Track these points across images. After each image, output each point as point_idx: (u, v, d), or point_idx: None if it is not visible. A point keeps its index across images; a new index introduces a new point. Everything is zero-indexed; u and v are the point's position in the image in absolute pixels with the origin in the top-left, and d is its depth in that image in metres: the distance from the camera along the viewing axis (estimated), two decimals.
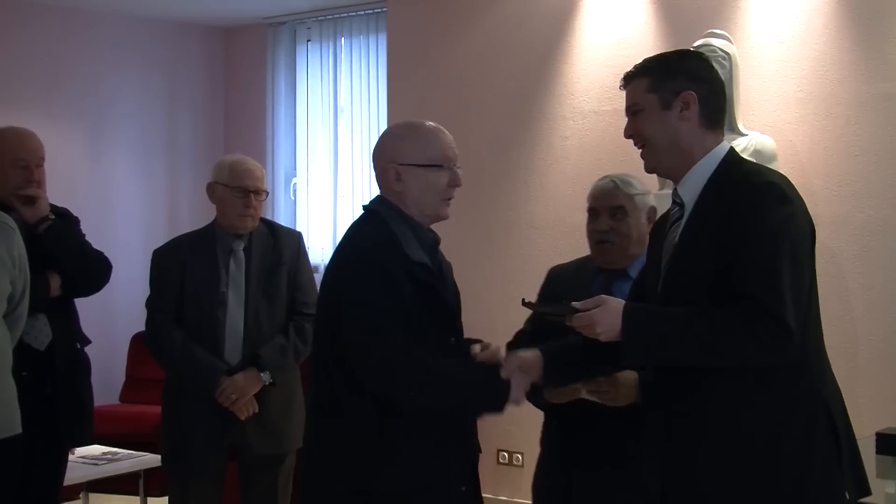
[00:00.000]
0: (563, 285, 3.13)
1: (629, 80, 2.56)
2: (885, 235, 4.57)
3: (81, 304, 4.05)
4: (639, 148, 2.56)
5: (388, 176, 2.67)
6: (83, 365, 3.90)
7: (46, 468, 3.78)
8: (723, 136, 2.54)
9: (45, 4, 6.73)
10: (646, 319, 2.37)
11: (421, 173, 2.67)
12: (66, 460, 3.95)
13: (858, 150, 4.65)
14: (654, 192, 4.64)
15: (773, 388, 2.34)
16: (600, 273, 3.09)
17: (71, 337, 3.84)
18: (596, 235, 3.08)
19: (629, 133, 2.57)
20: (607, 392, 2.86)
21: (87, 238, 3.98)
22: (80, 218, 4.00)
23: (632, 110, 2.54)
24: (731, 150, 2.53)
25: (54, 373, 3.69)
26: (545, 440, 3.18)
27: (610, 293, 2.97)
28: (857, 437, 2.48)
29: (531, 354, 2.65)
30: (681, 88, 2.47)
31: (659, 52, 2.68)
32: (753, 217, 2.33)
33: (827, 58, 4.76)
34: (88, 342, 3.95)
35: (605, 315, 2.37)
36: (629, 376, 2.85)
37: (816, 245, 2.48)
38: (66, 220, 3.88)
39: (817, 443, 2.34)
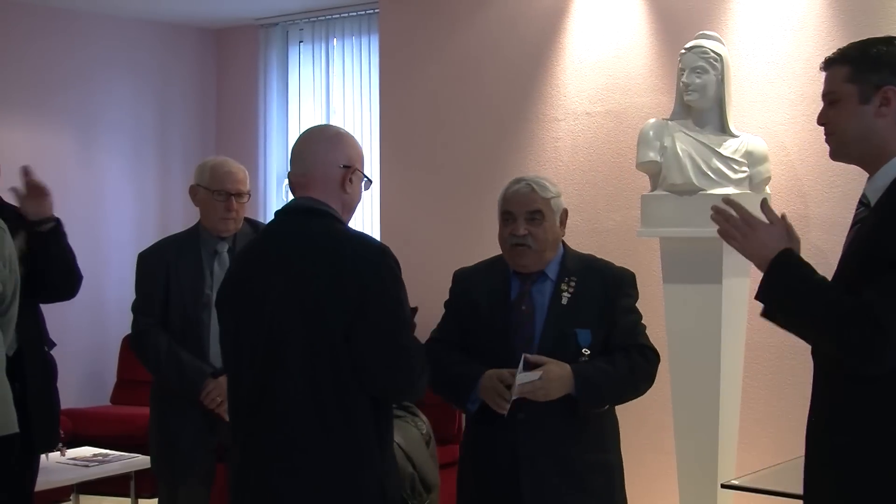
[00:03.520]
0: (475, 287, 3.12)
1: (829, 65, 2.42)
2: None
3: (73, 305, 4.03)
4: (827, 135, 2.43)
5: (345, 177, 2.65)
6: (51, 369, 3.86)
7: (21, 474, 3.72)
8: None
9: (35, 5, 6.71)
10: (791, 270, 2.32)
11: (360, 182, 2.71)
12: (38, 465, 3.90)
13: None
14: (646, 193, 4.69)
15: None
16: (517, 276, 3.07)
17: (39, 341, 3.80)
18: (512, 240, 3.03)
19: (822, 120, 2.42)
20: (540, 389, 2.86)
21: (78, 240, 3.96)
22: (71, 220, 3.98)
23: (828, 98, 2.40)
24: None
25: (24, 378, 3.62)
26: (478, 445, 3.10)
27: (529, 296, 3.04)
28: None
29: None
30: (883, 83, 2.32)
31: (864, 38, 2.47)
32: (892, 217, 2.23)
33: (818, 59, 4.66)
34: (53, 345, 3.92)
35: (767, 236, 2.35)
36: (560, 370, 2.87)
37: (807, 246, 2.46)
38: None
39: None
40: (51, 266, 3.70)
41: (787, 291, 2.32)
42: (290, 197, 2.75)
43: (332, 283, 2.52)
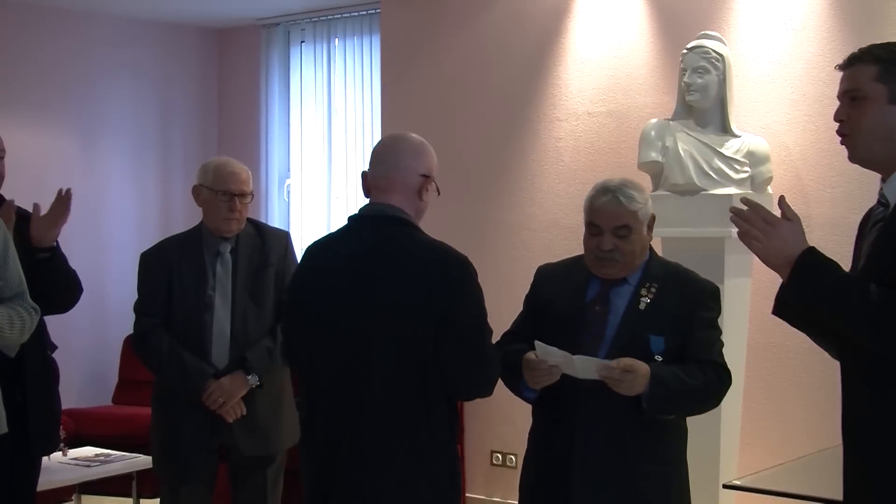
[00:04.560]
0: (555, 285, 3.07)
1: (853, 62, 2.36)
2: None
3: (75, 306, 4.02)
4: (843, 134, 2.38)
5: (423, 186, 2.80)
6: (52, 371, 3.85)
7: (19, 476, 3.69)
8: None
9: (38, 5, 6.71)
10: (820, 268, 2.27)
11: (433, 190, 2.85)
12: (38, 468, 3.89)
13: None
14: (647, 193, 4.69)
15: None
16: (597, 279, 2.99)
17: (42, 344, 3.78)
18: (598, 252, 2.94)
19: (840, 117, 2.37)
20: (623, 381, 2.78)
21: (80, 240, 3.92)
22: (73, 220, 3.95)
23: (850, 95, 2.33)
24: None
25: (24, 380, 3.61)
26: (538, 442, 3.07)
27: (606, 297, 2.97)
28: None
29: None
30: None
31: (886, 41, 2.45)
32: None
33: (819, 59, 4.76)
34: (55, 348, 3.90)
35: (789, 235, 2.29)
36: (643, 367, 2.79)
37: None
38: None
39: None
40: (45, 288, 3.64)
41: (819, 289, 2.26)
42: (294, 196, 2.77)
43: (422, 292, 2.66)
